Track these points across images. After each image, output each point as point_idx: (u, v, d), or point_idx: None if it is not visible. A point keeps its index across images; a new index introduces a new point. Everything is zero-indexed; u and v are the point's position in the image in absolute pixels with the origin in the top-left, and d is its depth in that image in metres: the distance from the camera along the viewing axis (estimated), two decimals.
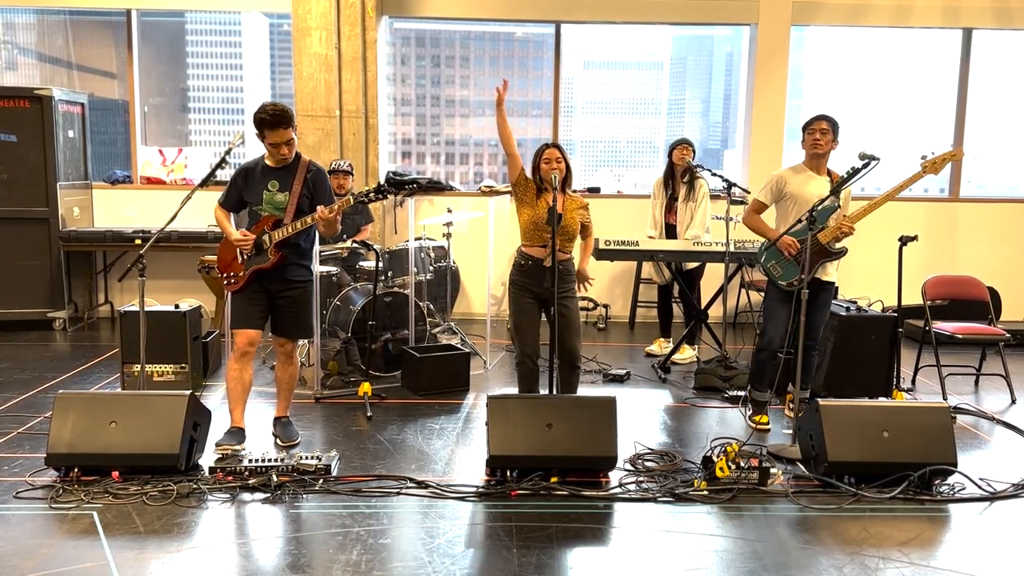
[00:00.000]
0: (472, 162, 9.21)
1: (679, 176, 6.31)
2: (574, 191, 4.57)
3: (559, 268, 4.30)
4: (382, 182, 7.71)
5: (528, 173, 4.47)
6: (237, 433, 4.30)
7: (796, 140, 5.06)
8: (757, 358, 4.78)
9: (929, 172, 4.40)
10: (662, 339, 6.74)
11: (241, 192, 4.27)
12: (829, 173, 4.67)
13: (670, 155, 6.33)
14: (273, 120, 4.03)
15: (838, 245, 4.59)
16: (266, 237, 4.17)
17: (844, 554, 3.22)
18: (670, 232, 6.38)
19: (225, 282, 4.28)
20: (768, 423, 4.77)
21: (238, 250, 4.22)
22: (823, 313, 4.80)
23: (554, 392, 4.32)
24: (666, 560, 3.17)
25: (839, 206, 4.56)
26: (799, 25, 7.89)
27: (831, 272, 4.71)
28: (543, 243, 4.33)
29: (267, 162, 4.23)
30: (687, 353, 6.42)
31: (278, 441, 4.39)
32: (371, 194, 4.22)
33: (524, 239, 4.48)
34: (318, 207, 4.12)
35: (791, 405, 4.90)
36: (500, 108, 4.30)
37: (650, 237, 6.37)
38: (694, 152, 6.27)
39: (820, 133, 4.56)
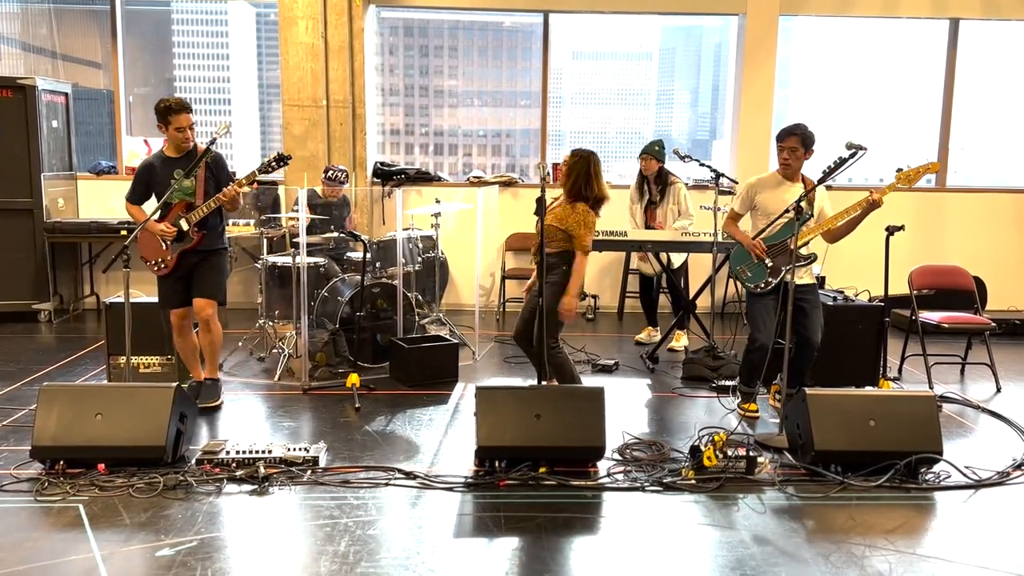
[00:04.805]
0: (461, 153, 9.16)
1: (652, 181, 6.33)
2: (574, 202, 4.42)
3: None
4: (368, 172, 7.69)
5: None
6: (211, 386, 4.82)
7: None
8: (750, 359, 4.73)
9: (903, 183, 4.34)
10: (650, 327, 6.76)
11: (148, 185, 4.65)
12: (803, 179, 4.67)
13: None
14: (178, 106, 4.49)
15: (804, 251, 4.56)
16: (183, 221, 4.56)
17: (831, 542, 3.24)
18: None
19: (155, 269, 4.70)
20: (757, 411, 4.79)
21: (159, 239, 4.59)
22: (813, 315, 4.67)
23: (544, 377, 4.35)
24: (654, 549, 3.18)
25: (811, 216, 4.55)
26: (787, 15, 7.89)
27: (802, 275, 4.61)
28: None
29: (168, 154, 4.62)
30: (683, 341, 6.45)
31: (198, 402, 4.56)
32: (273, 163, 4.55)
33: None
34: (225, 187, 4.57)
35: (777, 396, 4.91)
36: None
37: None
38: (658, 159, 6.27)
39: (789, 152, 4.55)
